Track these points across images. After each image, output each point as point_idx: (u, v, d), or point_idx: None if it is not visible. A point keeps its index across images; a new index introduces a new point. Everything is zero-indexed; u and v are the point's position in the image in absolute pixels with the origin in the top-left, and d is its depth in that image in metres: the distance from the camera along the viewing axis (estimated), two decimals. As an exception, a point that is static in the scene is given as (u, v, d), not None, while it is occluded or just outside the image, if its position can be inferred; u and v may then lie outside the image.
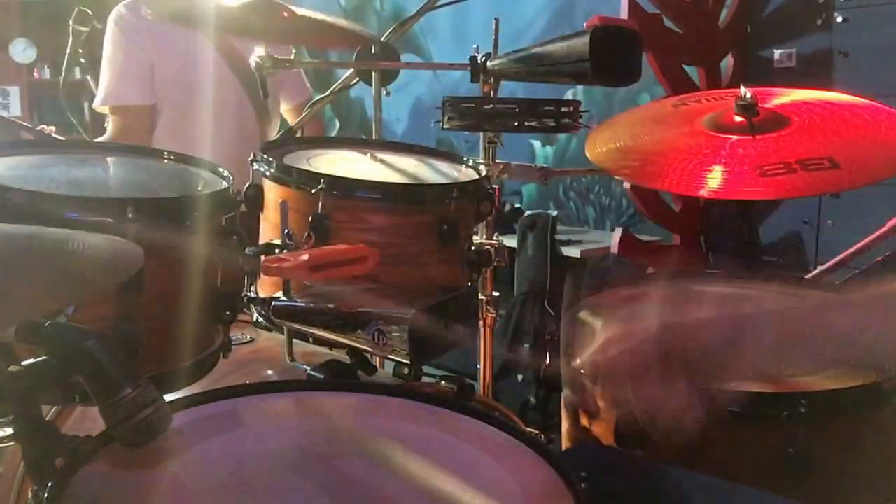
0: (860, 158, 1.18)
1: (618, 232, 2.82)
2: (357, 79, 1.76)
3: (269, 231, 1.16)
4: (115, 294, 0.90)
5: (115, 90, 2.14)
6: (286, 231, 1.09)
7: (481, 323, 1.50)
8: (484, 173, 1.25)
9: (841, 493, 0.98)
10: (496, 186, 1.28)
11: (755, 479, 0.97)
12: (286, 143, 1.30)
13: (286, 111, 2.47)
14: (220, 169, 1.12)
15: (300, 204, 1.09)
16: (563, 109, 1.37)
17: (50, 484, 0.71)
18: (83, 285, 0.62)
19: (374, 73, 1.65)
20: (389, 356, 1.01)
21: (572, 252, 3.08)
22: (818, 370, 0.97)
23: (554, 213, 3.28)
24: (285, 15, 1.54)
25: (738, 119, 1.26)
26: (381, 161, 1.30)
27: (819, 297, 1.22)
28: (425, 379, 1.11)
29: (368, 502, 0.76)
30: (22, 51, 5.72)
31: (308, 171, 1.13)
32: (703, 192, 1.18)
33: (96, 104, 2.19)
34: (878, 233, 1.80)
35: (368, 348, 1.03)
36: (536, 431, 1.20)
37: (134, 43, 2.12)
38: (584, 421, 1.13)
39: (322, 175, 1.08)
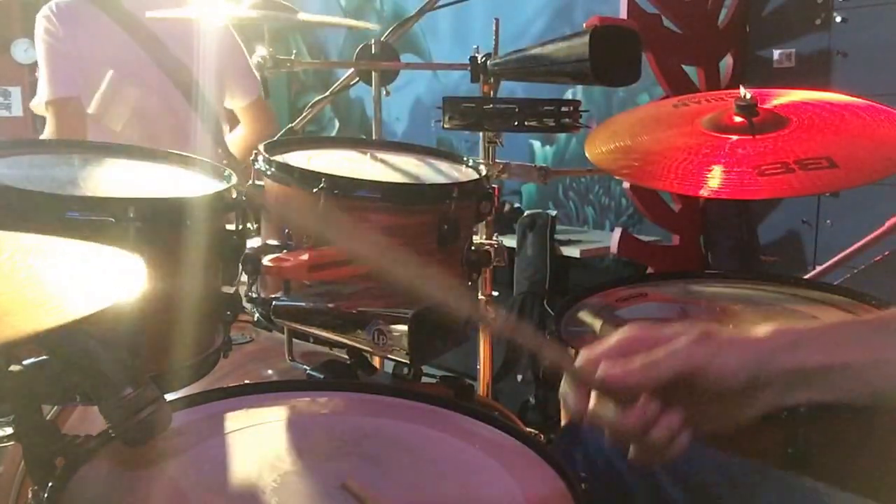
0: (859, 158, 1.19)
1: (617, 232, 2.82)
2: (357, 79, 1.76)
3: (269, 231, 1.16)
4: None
5: (44, 89, 2.14)
6: (286, 231, 1.10)
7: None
8: (484, 173, 1.25)
9: (841, 494, 0.98)
10: (496, 186, 1.28)
11: (754, 479, 0.97)
12: (286, 143, 1.31)
13: (239, 110, 2.42)
14: (221, 169, 1.13)
15: (300, 203, 1.09)
16: (563, 109, 1.37)
17: (50, 483, 0.71)
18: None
19: (373, 73, 1.66)
20: (389, 356, 1.01)
21: (572, 252, 3.08)
22: None
23: (553, 212, 3.28)
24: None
25: (738, 119, 1.26)
26: (381, 161, 1.30)
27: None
28: (425, 379, 1.11)
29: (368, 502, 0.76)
30: (23, 51, 5.72)
31: (308, 170, 1.13)
32: (703, 192, 1.18)
33: (32, 105, 2.22)
34: (876, 232, 1.80)
35: (368, 348, 1.03)
36: (536, 431, 1.20)
37: (56, 41, 2.13)
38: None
39: (322, 174, 1.08)
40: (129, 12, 2.14)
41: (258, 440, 0.85)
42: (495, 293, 1.50)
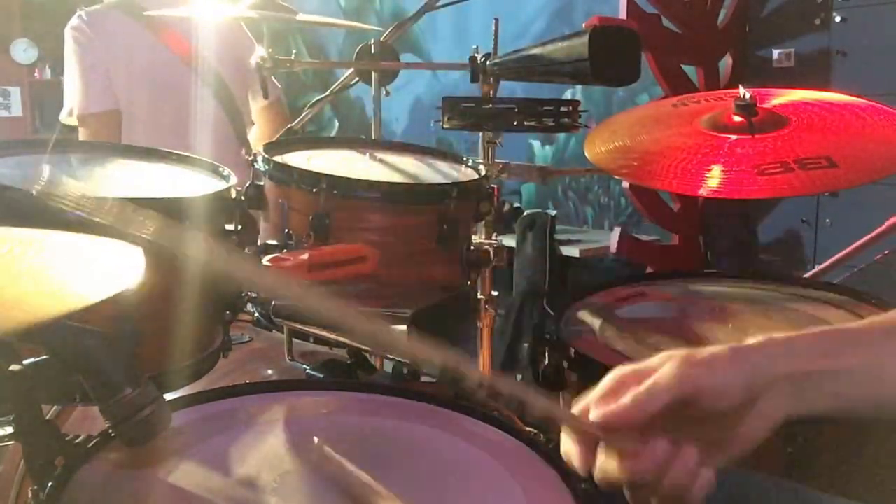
0: (858, 157, 1.19)
1: (616, 231, 2.83)
2: (357, 79, 1.76)
3: (269, 231, 1.16)
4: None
5: (77, 102, 2.15)
6: (286, 231, 1.10)
7: (480, 323, 1.50)
8: (483, 173, 1.25)
9: (841, 495, 0.98)
10: (495, 186, 1.28)
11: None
12: (286, 143, 1.31)
13: (257, 111, 2.44)
14: (221, 169, 1.13)
15: (300, 204, 1.09)
16: (563, 109, 1.37)
17: (50, 484, 0.71)
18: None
19: (373, 73, 1.66)
20: (389, 356, 1.01)
21: (571, 252, 3.08)
22: None
23: (553, 212, 3.28)
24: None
25: (737, 119, 1.26)
26: (381, 161, 1.30)
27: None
28: (425, 379, 1.11)
29: (368, 502, 0.76)
30: (23, 51, 5.73)
31: (308, 170, 1.13)
32: (703, 192, 1.18)
33: (62, 118, 2.21)
34: (876, 232, 1.80)
35: (368, 348, 1.03)
36: (536, 431, 1.20)
37: (88, 52, 2.14)
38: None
39: (322, 175, 1.08)
40: (160, 19, 2.13)
41: (258, 440, 0.85)
42: (494, 293, 1.49)
